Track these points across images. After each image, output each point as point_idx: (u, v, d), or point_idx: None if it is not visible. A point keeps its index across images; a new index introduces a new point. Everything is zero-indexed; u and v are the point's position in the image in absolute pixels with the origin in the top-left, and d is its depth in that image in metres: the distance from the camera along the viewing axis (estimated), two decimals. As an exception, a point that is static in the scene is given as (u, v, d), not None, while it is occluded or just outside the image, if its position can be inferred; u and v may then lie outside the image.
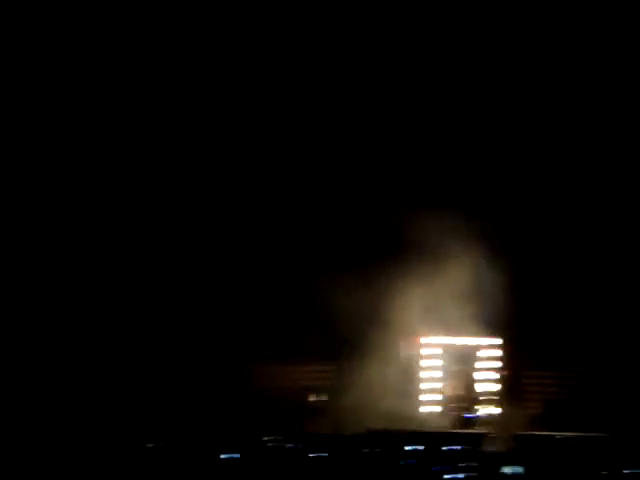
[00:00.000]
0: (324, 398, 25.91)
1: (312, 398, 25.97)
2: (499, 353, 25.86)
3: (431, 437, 23.18)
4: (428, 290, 25.50)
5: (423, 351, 25.89)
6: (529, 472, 18.46)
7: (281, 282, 26.93)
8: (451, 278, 25.36)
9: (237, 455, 17.19)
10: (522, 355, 26.55)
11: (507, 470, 17.08)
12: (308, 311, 26.77)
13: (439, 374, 25.93)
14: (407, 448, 20.40)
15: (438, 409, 25.67)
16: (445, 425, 25.30)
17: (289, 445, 19.34)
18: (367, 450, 20.31)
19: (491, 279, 26.19)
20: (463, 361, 25.95)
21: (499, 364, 25.90)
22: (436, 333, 25.89)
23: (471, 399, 25.59)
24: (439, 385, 25.85)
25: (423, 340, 25.89)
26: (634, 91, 25.77)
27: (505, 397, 25.95)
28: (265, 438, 20.30)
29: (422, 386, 25.70)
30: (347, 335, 25.25)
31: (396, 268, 25.18)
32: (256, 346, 26.47)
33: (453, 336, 25.84)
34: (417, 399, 25.58)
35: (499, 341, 25.89)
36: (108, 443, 18.79)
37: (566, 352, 26.11)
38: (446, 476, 16.88)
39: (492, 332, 25.76)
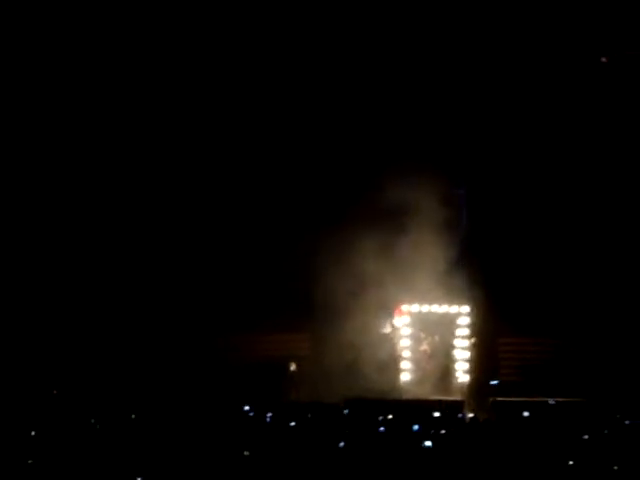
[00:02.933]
0: (301, 367, 25.80)
1: (289, 367, 25.85)
2: (474, 320, 25.78)
3: (408, 405, 23.14)
4: (403, 258, 25.35)
5: (399, 319, 25.79)
6: (506, 438, 18.40)
7: (254, 250, 26.68)
8: (426, 246, 25.24)
9: (218, 424, 17.08)
10: (497, 322, 26.49)
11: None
12: (282, 280, 26.58)
13: (415, 342, 25.83)
14: (385, 416, 20.30)
15: (415, 377, 25.62)
16: (422, 393, 25.27)
17: (268, 414, 19.22)
18: (345, 418, 20.22)
19: (466, 246, 26.17)
20: (439, 329, 25.88)
21: (474, 331, 25.83)
22: (411, 301, 25.77)
23: (447, 366, 25.54)
24: (415, 353, 25.78)
25: (398, 308, 25.76)
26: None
27: (481, 364, 25.90)
28: (244, 408, 20.13)
29: (398, 354, 25.63)
30: (323, 303, 25.10)
31: (371, 236, 25.00)
32: (230, 316, 26.26)
33: (428, 304, 25.73)
34: (394, 367, 25.52)
35: (474, 308, 25.81)
36: (91, 416, 18.59)
37: (542, 318, 26.16)
38: (426, 443, 16.77)
39: (467, 299, 25.68)
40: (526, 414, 20.32)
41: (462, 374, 25.39)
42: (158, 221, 27.04)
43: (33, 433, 16.52)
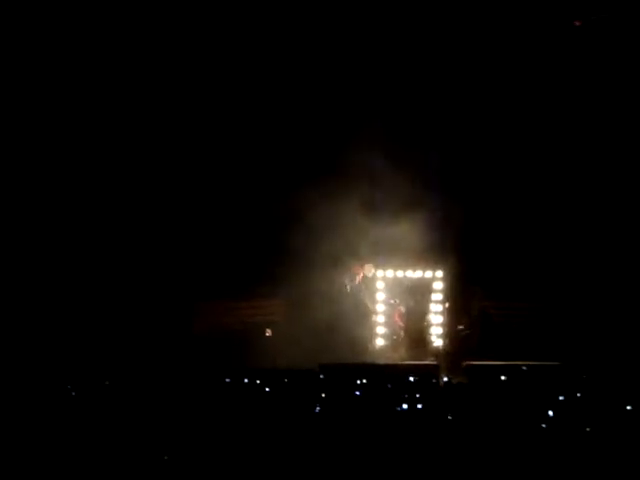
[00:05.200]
0: (276, 333, 25.77)
1: (264, 333, 25.80)
2: (447, 284, 25.79)
3: (383, 369, 23.17)
4: (375, 221, 25.29)
5: (372, 284, 25.76)
6: (482, 401, 18.51)
7: (225, 216, 26.53)
8: (401, 211, 25.19)
9: (193, 391, 17.03)
10: (470, 286, 26.52)
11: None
12: (257, 246, 26.47)
13: (389, 307, 25.86)
14: (360, 381, 20.33)
15: (389, 342, 25.67)
16: (396, 357, 25.33)
17: (245, 380, 19.19)
18: (321, 383, 20.21)
19: (437, 209, 26.14)
20: (414, 293, 25.88)
21: (447, 295, 25.87)
22: (385, 265, 25.75)
23: (421, 331, 25.58)
24: (389, 318, 25.82)
25: (372, 272, 25.71)
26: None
27: (454, 328, 25.98)
28: (221, 374, 20.01)
29: (373, 319, 25.66)
30: (298, 269, 25.04)
31: (340, 198, 24.90)
32: (204, 283, 26.15)
33: (402, 268, 25.71)
34: (368, 332, 25.56)
35: (447, 272, 25.83)
36: (67, 382, 18.42)
37: (516, 281, 26.23)
38: (404, 406, 16.83)
39: (441, 263, 25.69)
40: (501, 378, 20.41)
41: (436, 339, 25.45)
42: (127, 189, 26.80)
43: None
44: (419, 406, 17.43)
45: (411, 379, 20.73)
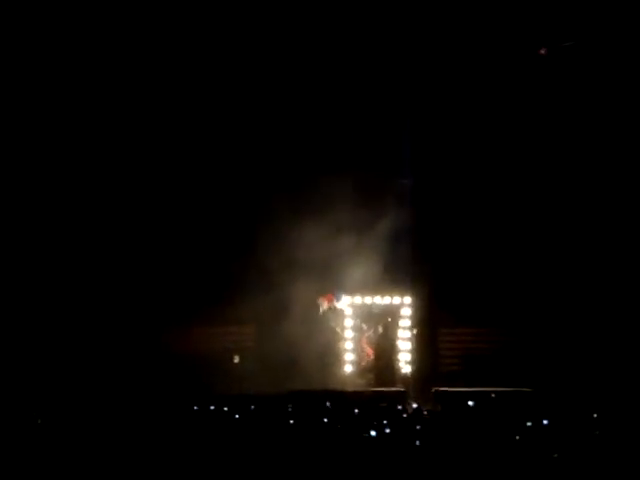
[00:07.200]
0: (245, 359, 25.73)
1: (233, 360, 25.75)
2: (415, 311, 25.83)
3: (351, 396, 23.17)
4: (346, 249, 25.35)
5: (341, 310, 25.77)
6: (449, 427, 18.55)
7: (195, 242, 26.50)
8: (370, 237, 25.29)
9: (162, 418, 16.94)
10: (438, 312, 26.58)
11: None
12: (225, 272, 26.43)
13: (357, 333, 25.86)
14: (328, 407, 20.31)
15: (357, 368, 25.65)
16: (364, 383, 25.30)
17: (212, 407, 19.10)
18: (289, 410, 20.15)
19: (410, 237, 26.23)
20: (381, 320, 25.91)
21: (415, 322, 25.89)
22: (353, 292, 25.77)
23: (389, 357, 25.56)
24: (357, 344, 25.81)
25: (339, 299, 25.71)
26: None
27: (422, 355, 25.96)
28: (189, 401, 19.88)
29: (341, 345, 25.64)
30: (266, 295, 25.04)
31: (314, 227, 24.96)
32: (172, 309, 26.07)
33: (370, 295, 25.74)
34: (337, 359, 25.55)
35: (415, 299, 25.88)
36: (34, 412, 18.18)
37: (484, 308, 26.30)
38: (372, 432, 16.82)
39: (408, 290, 25.75)
40: (470, 404, 20.45)
41: (404, 365, 25.44)
42: (100, 213, 26.72)
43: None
44: (387, 431, 17.42)
45: (379, 405, 20.73)
